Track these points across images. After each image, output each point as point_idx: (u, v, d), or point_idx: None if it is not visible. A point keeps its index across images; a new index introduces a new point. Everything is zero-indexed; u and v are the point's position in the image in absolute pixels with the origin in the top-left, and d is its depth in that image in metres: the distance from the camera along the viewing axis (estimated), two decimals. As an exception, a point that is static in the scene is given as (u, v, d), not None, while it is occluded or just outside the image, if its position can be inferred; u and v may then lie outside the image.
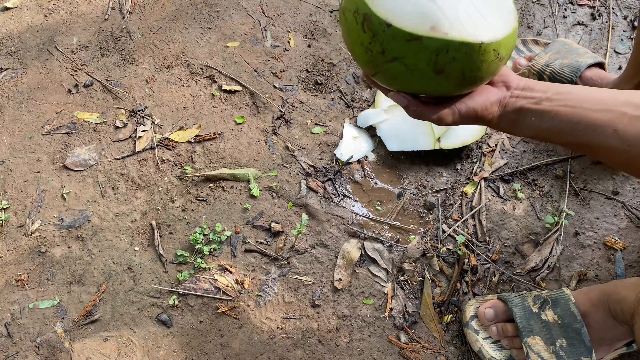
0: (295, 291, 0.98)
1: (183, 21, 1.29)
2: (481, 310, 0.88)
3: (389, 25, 0.58)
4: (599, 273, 0.97)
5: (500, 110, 0.66)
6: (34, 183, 1.11)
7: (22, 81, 1.23)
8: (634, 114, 0.59)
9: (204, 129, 1.15)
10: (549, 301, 0.85)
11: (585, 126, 0.62)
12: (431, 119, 0.66)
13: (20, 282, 1.01)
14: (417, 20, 0.58)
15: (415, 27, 0.57)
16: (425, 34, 0.57)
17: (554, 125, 0.63)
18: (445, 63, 0.58)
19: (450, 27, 0.58)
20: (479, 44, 0.58)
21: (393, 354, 0.93)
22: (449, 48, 0.57)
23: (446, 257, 1.00)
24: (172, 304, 0.98)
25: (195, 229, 1.04)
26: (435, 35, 0.57)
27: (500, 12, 0.62)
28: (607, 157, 0.64)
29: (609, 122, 0.60)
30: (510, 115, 0.66)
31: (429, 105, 0.65)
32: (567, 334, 0.81)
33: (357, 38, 0.61)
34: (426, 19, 0.58)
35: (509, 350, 0.87)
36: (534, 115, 0.64)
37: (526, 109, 0.65)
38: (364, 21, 0.60)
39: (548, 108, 0.63)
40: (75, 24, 1.31)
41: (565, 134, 0.63)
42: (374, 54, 0.60)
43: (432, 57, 0.58)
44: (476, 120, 0.67)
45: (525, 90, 0.66)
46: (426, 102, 0.66)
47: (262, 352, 0.94)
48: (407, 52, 0.58)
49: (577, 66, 1.03)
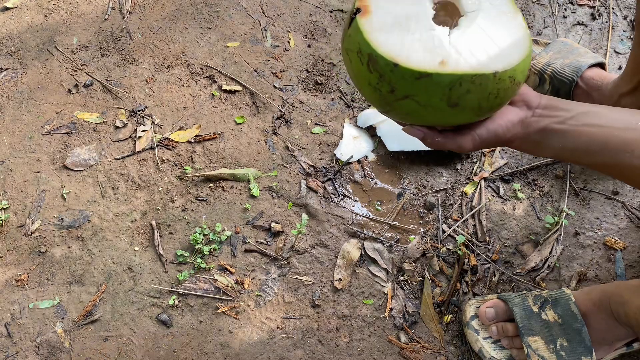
0: (295, 291, 0.98)
1: (183, 21, 1.29)
2: (482, 309, 0.88)
3: (396, 65, 0.55)
4: (599, 273, 0.97)
5: (523, 131, 0.63)
6: (34, 183, 1.11)
7: (22, 81, 1.23)
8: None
9: (204, 129, 1.15)
10: (550, 301, 0.85)
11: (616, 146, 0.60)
12: (449, 148, 0.64)
13: (20, 282, 1.01)
14: (425, 56, 0.55)
15: (423, 64, 0.54)
16: (434, 70, 0.54)
17: (580, 145, 0.61)
18: (459, 96, 0.55)
19: (460, 60, 0.55)
20: (493, 73, 0.55)
21: (393, 354, 0.93)
22: (461, 81, 0.54)
23: (446, 257, 1.00)
24: (172, 304, 0.98)
25: (195, 229, 1.04)
26: (446, 71, 0.54)
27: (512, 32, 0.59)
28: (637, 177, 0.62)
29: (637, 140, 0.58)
30: (533, 136, 0.63)
31: (447, 134, 0.63)
32: (568, 333, 0.81)
33: (364, 78, 0.59)
34: (434, 54, 0.55)
35: (509, 350, 0.87)
36: (559, 136, 0.62)
37: (550, 129, 0.62)
38: (369, 61, 0.57)
39: (574, 128, 0.61)
40: (75, 24, 1.31)
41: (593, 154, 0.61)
42: (383, 93, 0.58)
43: (445, 92, 0.55)
44: (497, 142, 0.64)
45: (547, 109, 0.63)
46: (443, 130, 0.64)
47: (262, 352, 0.94)
48: (417, 90, 0.56)
49: (578, 66, 1.03)
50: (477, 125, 0.62)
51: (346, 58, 0.61)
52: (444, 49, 0.56)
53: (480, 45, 0.57)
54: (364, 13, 0.58)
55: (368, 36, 0.56)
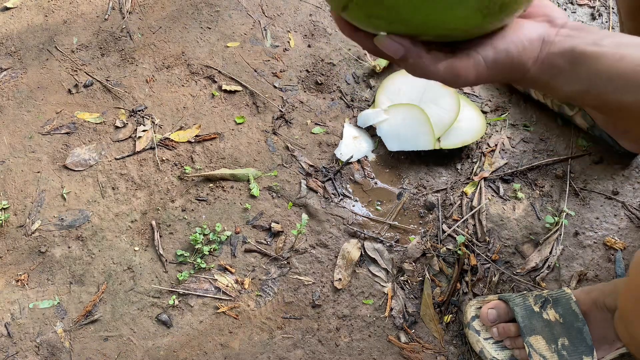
0: (295, 291, 0.98)
1: (183, 21, 1.29)
2: (483, 311, 0.88)
3: None
4: (599, 273, 0.97)
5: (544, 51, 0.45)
6: (34, 183, 1.11)
7: (22, 81, 1.23)
8: None
9: (204, 129, 1.15)
10: (550, 300, 0.85)
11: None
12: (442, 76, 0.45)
13: (20, 282, 1.01)
14: None
15: None
16: None
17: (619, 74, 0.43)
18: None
19: None
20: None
21: (393, 354, 0.93)
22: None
23: (446, 257, 1.00)
24: (172, 303, 0.98)
25: (195, 229, 1.04)
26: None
27: None
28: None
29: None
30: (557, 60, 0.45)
31: (436, 53, 0.44)
32: (569, 333, 0.81)
33: None
34: None
35: (510, 350, 0.87)
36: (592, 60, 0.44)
37: (580, 51, 0.44)
38: None
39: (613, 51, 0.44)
40: (75, 24, 1.31)
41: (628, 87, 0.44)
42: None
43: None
44: (510, 68, 0.45)
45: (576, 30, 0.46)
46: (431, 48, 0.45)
47: (262, 352, 0.94)
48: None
49: None
50: (481, 43, 0.45)
51: None
52: None
53: None
54: None
55: None
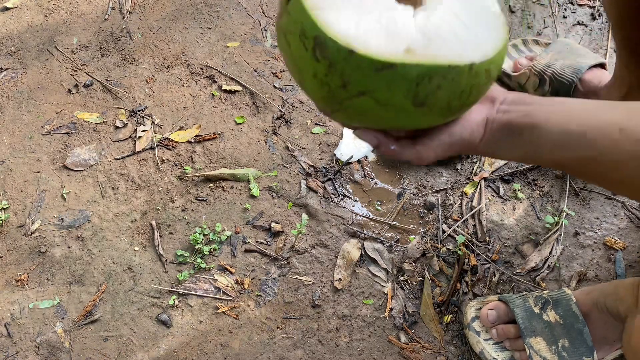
0: (295, 291, 0.98)
1: (183, 21, 1.29)
2: (484, 312, 0.88)
3: (352, 52, 0.43)
4: (599, 273, 0.97)
5: (487, 130, 0.54)
6: (34, 183, 1.11)
7: (22, 81, 1.23)
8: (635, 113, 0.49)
9: (204, 129, 1.15)
10: (551, 301, 0.85)
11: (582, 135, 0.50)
12: (408, 159, 0.54)
13: (20, 282, 1.01)
14: (387, 42, 0.43)
15: (385, 52, 0.43)
16: (400, 60, 0.43)
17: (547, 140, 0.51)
18: (427, 94, 0.45)
19: (430, 47, 0.44)
20: (469, 65, 0.44)
21: (393, 354, 0.93)
22: (432, 75, 0.43)
23: (446, 257, 1.00)
24: (172, 304, 0.98)
25: (195, 229, 1.04)
26: (413, 61, 0.43)
27: (487, 18, 0.49)
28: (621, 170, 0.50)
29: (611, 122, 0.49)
30: (497, 135, 0.53)
31: (403, 141, 0.53)
32: (569, 334, 0.81)
33: (308, 68, 0.46)
34: (398, 39, 0.44)
35: (510, 351, 0.87)
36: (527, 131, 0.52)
37: (516, 124, 0.52)
38: (315, 47, 0.44)
39: (543, 118, 0.51)
40: (75, 24, 1.31)
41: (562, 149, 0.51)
42: (333, 88, 0.45)
43: (411, 87, 0.44)
44: (462, 148, 0.54)
45: (513, 104, 0.54)
46: (399, 137, 0.54)
47: (262, 352, 0.94)
48: (377, 85, 0.44)
49: (579, 67, 1.03)
50: (439, 130, 0.52)
51: (283, 42, 0.48)
52: (410, 33, 0.44)
53: (451, 30, 0.46)
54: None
55: (314, 14, 0.44)
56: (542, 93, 1.08)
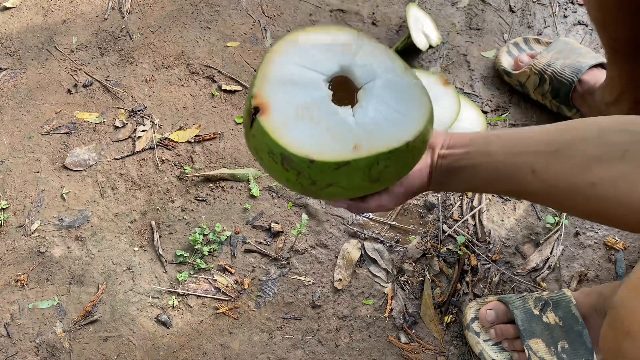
0: (295, 291, 0.98)
1: (183, 21, 1.29)
2: (482, 312, 0.88)
3: (312, 161, 0.53)
4: (600, 273, 0.97)
5: (432, 175, 0.65)
6: (34, 183, 1.11)
7: (22, 81, 1.23)
8: (547, 150, 0.57)
9: (204, 128, 1.15)
10: (550, 303, 0.84)
11: (505, 173, 0.60)
12: (373, 211, 0.66)
13: (19, 283, 1.01)
14: (338, 145, 0.54)
15: (338, 154, 0.53)
16: (351, 157, 0.53)
17: (479, 177, 0.62)
18: (379, 173, 0.55)
19: (372, 139, 0.54)
20: (406, 144, 0.54)
21: (393, 355, 0.93)
22: (379, 160, 0.54)
23: (446, 257, 1.00)
24: (171, 304, 0.98)
25: (195, 229, 1.04)
26: (361, 155, 0.53)
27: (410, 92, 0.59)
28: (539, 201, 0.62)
29: (525, 164, 0.58)
30: (438, 178, 0.65)
31: (367, 198, 0.65)
32: (569, 336, 0.81)
33: (282, 175, 0.57)
34: (346, 140, 0.54)
35: (509, 352, 0.87)
36: (462, 173, 0.63)
37: (452, 169, 0.64)
38: (282, 161, 0.54)
39: (470, 163, 0.62)
40: (74, 23, 1.30)
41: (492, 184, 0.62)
42: (305, 186, 0.56)
43: (365, 172, 0.55)
44: (416, 193, 0.66)
45: (450, 148, 0.64)
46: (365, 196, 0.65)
47: (262, 353, 0.93)
48: (339, 178, 0.55)
49: (579, 67, 1.03)
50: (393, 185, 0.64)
51: (256, 156, 0.58)
52: (353, 132, 0.55)
53: (385, 117, 0.56)
54: (263, 111, 0.55)
55: (275, 136, 0.53)
56: (542, 92, 1.08)
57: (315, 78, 0.58)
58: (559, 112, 1.10)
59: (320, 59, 0.59)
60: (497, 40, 1.23)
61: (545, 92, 1.08)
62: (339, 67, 0.60)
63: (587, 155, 0.54)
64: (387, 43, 1.23)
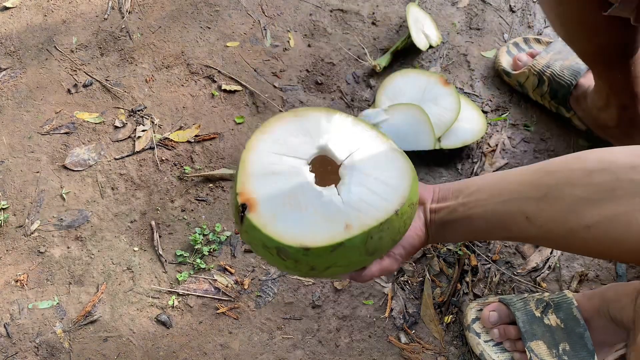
0: (295, 291, 0.98)
1: (182, 21, 1.29)
2: (484, 313, 0.88)
3: (307, 249, 0.53)
4: (600, 273, 0.97)
5: (428, 231, 0.66)
6: (33, 183, 1.11)
7: (21, 81, 1.23)
8: (536, 195, 0.57)
9: (204, 128, 1.15)
10: (552, 305, 0.84)
11: (499, 221, 0.60)
12: (378, 275, 0.65)
13: (19, 283, 1.01)
14: (329, 227, 0.54)
15: (331, 236, 0.54)
16: (344, 237, 0.54)
17: (474, 229, 0.63)
18: (374, 245, 0.56)
19: (361, 216, 0.55)
20: (395, 213, 0.56)
21: (393, 355, 0.93)
22: (372, 235, 0.55)
23: (446, 257, 1.00)
24: (171, 304, 0.98)
25: (194, 229, 1.04)
26: (354, 234, 0.54)
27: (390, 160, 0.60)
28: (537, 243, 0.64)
29: (517, 211, 0.59)
30: (435, 232, 0.66)
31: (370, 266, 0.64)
32: (570, 338, 0.81)
33: (280, 265, 0.58)
34: (336, 222, 0.55)
35: (510, 352, 0.87)
36: (455, 225, 0.64)
37: (446, 222, 0.64)
38: (278, 252, 0.55)
39: (463, 214, 0.63)
40: (74, 23, 1.30)
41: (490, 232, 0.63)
42: (305, 271, 0.57)
43: (362, 248, 0.55)
44: (417, 250, 0.67)
45: (440, 201, 0.65)
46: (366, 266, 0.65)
47: (262, 353, 0.93)
48: (336, 259, 0.55)
49: (577, 69, 1.03)
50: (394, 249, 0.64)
51: (252, 247, 0.59)
52: (342, 212, 0.55)
53: (370, 190, 0.57)
54: (251, 208, 0.55)
55: (267, 231, 0.54)
56: (540, 93, 1.08)
57: (296, 164, 0.59)
58: (558, 112, 1.10)
59: (297, 144, 0.60)
60: (497, 40, 1.23)
61: (544, 93, 1.08)
62: (316, 148, 0.61)
63: (576, 198, 0.55)
64: (387, 43, 1.23)
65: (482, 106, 1.15)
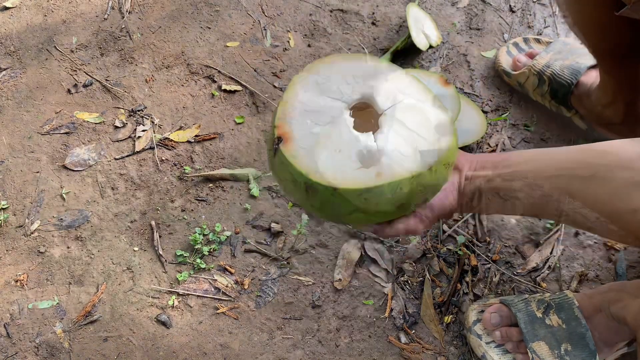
0: (295, 292, 0.98)
1: (182, 21, 1.29)
2: (486, 315, 0.88)
3: (335, 188, 0.53)
4: (600, 273, 0.97)
5: (460, 197, 0.64)
6: (33, 183, 1.11)
7: (22, 81, 1.23)
8: (583, 174, 0.56)
9: (204, 128, 1.15)
10: (553, 305, 0.84)
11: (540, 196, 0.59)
12: (402, 234, 0.64)
13: (19, 283, 1.01)
14: (360, 173, 0.54)
15: (361, 180, 0.53)
16: (373, 184, 0.53)
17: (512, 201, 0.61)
18: (404, 197, 0.55)
19: (394, 165, 0.54)
20: (429, 169, 0.55)
21: (393, 355, 0.92)
22: (402, 186, 0.54)
23: (446, 257, 1.00)
24: (171, 304, 0.98)
25: (194, 229, 1.04)
26: (384, 182, 0.53)
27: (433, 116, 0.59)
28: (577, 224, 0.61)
29: (561, 188, 0.57)
30: (467, 200, 0.64)
31: (394, 222, 0.63)
32: (572, 338, 0.81)
33: (306, 203, 0.58)
34: (367, 168, 0.54)
35: (512, 354, 0.86)
36: (490, 195, 0.62)
37: (482, 190, 0.63)
38: (307, 189, 0.55)
39: (501, 185, 0.61)
40: (74, 23, 1.30)
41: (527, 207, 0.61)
42: (330, 213, 0.57)
43: (389, 199, 0.54)
44: (444, 215, 0.65)
45: (477, 169, 0.63)
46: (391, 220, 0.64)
47: (262, 353, 0.93)
48: (362, 204, 0.55)
49: (577, 68, 1.03)
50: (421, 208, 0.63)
51: (281, 184, 0.59)
52: (375, 159, 0.55)
53: (407, 142, 0.57)
54: (286, 141, 0.56)
55: (298, 165, 0.54)
56: (541, 93, 1.08)
57: (337, 106, 0.59)
58: (558, 112, 1.10)
59: (341, 87, 0.60)
60: (497, 40, 1.23)
61: (544, 93, 1.08)
62: (360, 94, 0.60)
63: (626, 181, 0.53)
64: (387, 43, 1.23)
65: (482, 106, 1.15)
